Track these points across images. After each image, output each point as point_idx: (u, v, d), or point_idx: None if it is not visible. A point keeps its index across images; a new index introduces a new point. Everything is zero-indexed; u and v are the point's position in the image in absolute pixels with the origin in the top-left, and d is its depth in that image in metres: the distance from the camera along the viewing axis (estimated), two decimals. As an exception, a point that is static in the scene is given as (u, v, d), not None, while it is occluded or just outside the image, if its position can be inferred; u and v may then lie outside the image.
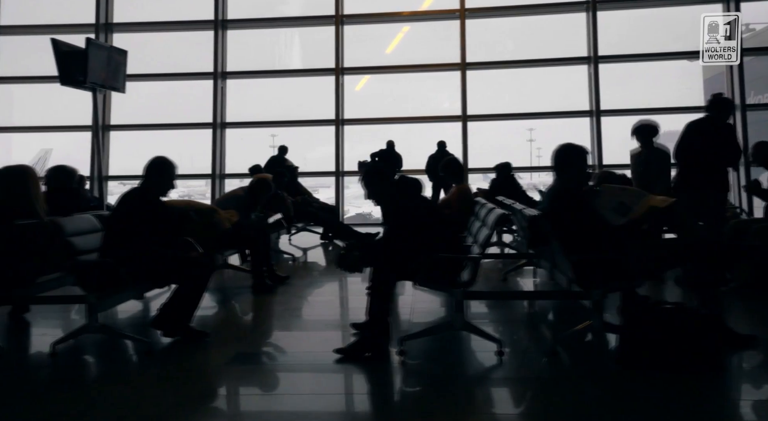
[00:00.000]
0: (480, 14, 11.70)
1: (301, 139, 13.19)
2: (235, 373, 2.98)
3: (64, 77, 7.27)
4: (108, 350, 3.38)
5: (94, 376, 3.04)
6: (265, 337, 3.61)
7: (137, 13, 12.56)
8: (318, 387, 2.82)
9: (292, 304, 4.56)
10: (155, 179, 3.49)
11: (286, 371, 3.02)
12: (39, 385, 2.91)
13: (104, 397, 2.72)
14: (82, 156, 13.78)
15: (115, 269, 3.22)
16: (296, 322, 4.08)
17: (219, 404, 2.61)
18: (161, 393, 2.71)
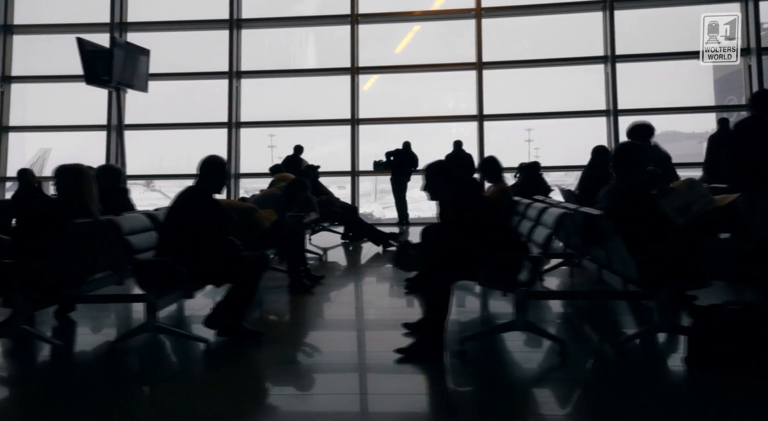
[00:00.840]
0: (496, 13, 11.70)
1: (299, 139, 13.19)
2: (291, 372, 2.96)
3: (89, 76, 7.27)
4: (164, 348, 3.37)
5: (153, 375, 3.02)
6: (316, 336, 3.58)
7: (152, 12, 12.55)
8: (378, 387, 2.82)
9: (334, 303, 4.55)
10: (210, 178, 3.48)
11: (342, 372, 2.99)
12: (99, 384, 2.89)
13: (163, 396, 2.71)
14: (87, 155, 13.82)
15: (174, 268, 3.21)
16: (343, 321, 4.06)
17: (276, 403, 2.57)
18: (218, 392, 2.70)
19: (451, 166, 3.43)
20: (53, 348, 3.30)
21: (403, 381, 2.90)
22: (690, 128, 23.89)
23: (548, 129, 12.78)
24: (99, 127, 12.09)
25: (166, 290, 3.28)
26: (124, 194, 4.66)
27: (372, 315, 4.16)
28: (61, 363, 3.14)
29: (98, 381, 2.93)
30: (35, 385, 2.93)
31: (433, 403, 2.59)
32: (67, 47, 13.11)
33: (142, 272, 3.25)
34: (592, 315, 3.90)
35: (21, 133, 12.84)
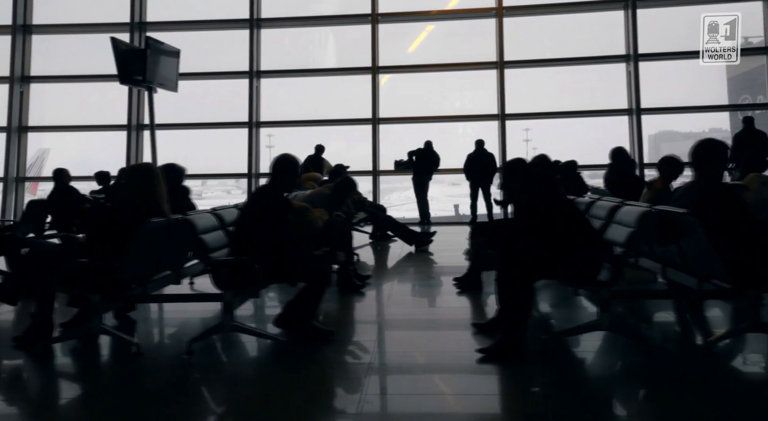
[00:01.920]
0: (518, 12, 11.68)
1: (302, 138, 13.22)
2: (371, 372, 2.93)
3: (123, 76, 7.24)
4: (234, 347, 3.36)
5: (229, 374, 3.01)
6: (388, 336, 3.56)
7: (171, 12, 12.54)
8: (461, 387, 2.80)
9: (391, 303, 4.52)
10: (283, 176, 3.47)
11: (425, 372, 2.96)
12: (178, 383, 2.89)
13: (243, 396, 2.70)
14: (96, 156, 13.81)
15: (251, 267, 3.19)
16: (408, 321, 4.03)
17: (359, 404, 2.54)
18: (297, 393, 2.69)
19: (524, 163, 3.39)
20: (114, 346, 3.28)
21: (485, 381, 2.88)
22: (687, 128, 23.96)
23: (553, 128, 12.76)
24: (119, 127, 12.09)
25: (243, 290, 3.26)
26: (186, 193, 4.65)
27: (434, 315, 4.15)
28: (142, 362, 3.12)
29: (178, 380, 2.92)
30: (118, 383, 2.92)
31: (517, 404, 2.57)
32: (85, 47, 13.23)
33: (220, 272, 3.23)
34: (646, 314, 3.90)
35: (40, 133, 12.80)
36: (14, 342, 3.40)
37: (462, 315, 4.23)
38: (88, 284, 3.17)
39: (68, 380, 3.03)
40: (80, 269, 3.17)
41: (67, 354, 3.31)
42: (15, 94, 12.09)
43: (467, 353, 3.18)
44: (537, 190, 3.17)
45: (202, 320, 3.94)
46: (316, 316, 3.50)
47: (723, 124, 20.88)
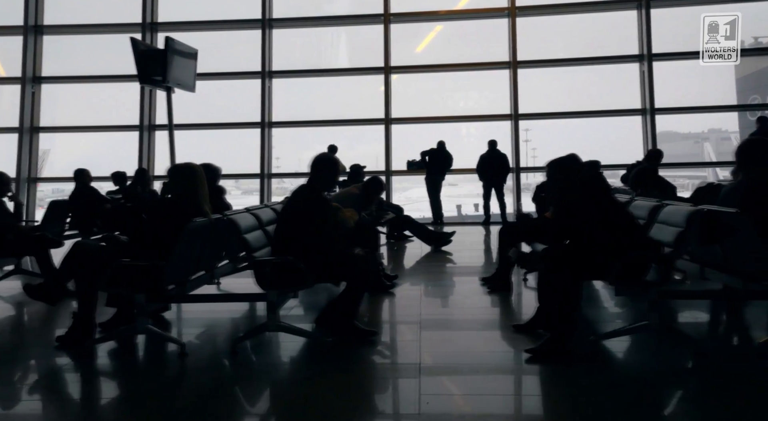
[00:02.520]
0: (530, 12, 11.67)
1: (301, 139, 13.25)
2: (412, 372, 2.91)
3: (142, 76, 7.23)
4: (278, 347, 3.34)
5: (278, 375, 3.00)
6: (429, 337, 3.50)
7: (183, 12, 12.53)
8: (512, 388, 2.80)
9: (425, 303, 4.48)
10: (323, 176, 3.46)
11: (470, 373, 2.92)
12: (224, 383, 2.88)
13: (287, 396, 2.69)
14: (102, 156, 13.80)
15: (296, 267, 3.19)
16: (447, 321, 4.01)
17: (408, 404, 2.53)
18: (349, 392, 2.68)
19: (572, 162, 3.38)
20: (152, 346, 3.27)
21: (536, 382, 2.87)
22: (686, 128, 23.92)
23: (538, 130, 12.77)
24: (131, 127, 12.09)
25: (287, 289, 3.25)
26: (221, 193, 4.64)
27: (469, 315, 4.13)
28: (188, 363, 3.10)
29: (227, 380, 2.91)
30: (169, 383, 2.91)
31: (568, 405, 2.54)
32: (96, 47, 13.22)
33: (264, 271, 3.22)
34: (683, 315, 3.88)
35: (51, 133, 12.79)
36: (57, 342, 3.39)
37: (498, 316, 4.22)
38: (134, 284, 3.17)
39: (118, 381, 3.01)
40: (126, 269, 3.16)
41: (110, 355, 3.29)
42: (27, 95, 12.10)
43: (513, 354, 3.18)
44: (585, 189, 3.16)
45: (231, 320, 3.94)
46: (357, 316, 3.48)
47: (723, 124, 20.80)
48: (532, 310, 4.20)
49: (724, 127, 22.40)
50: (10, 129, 12.07)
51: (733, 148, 11.52)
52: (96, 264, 3.38)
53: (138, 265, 3.14)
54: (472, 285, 5.07)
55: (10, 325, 4.22)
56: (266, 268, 3.20)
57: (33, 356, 3.40)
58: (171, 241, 3.25)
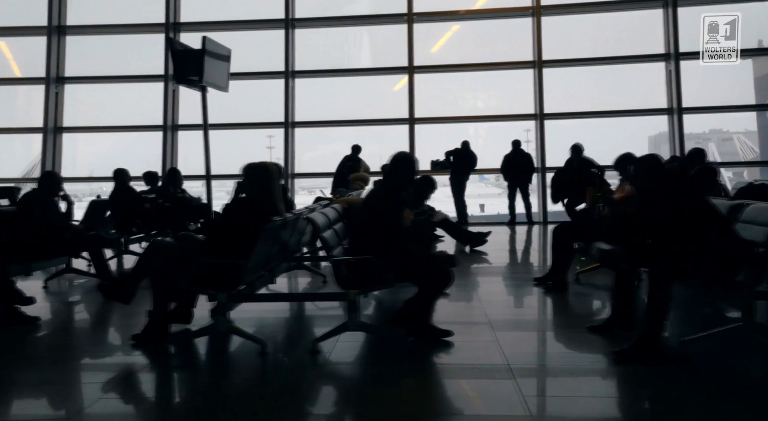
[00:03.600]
0: (556, 11, 11.64)
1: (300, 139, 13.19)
2: (504, 373, 2.87)
3: (178, 76, 7.22)
4: (356, 346, 3.32)
5: (355, 374, 2.97)
6: (505, 338, 3.44)
7: (206, 12, 12.54)
8: (605, 390, 2.76)
9: (485, 303, 4.40)
10: (403, 174, 3.44)
11: (563, 374, 2.89)
12: (307, 382, 2.86)
13: (371, 397, 2.67)
14: (119, 157, 13.83)
15: (376, 266, 3.17)
16: (515, 322, 3.97)
17: (513, 406, 2.50)
18: (433, 393, 2.66)
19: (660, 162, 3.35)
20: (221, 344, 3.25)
21: (629, 384, 2.83)
22: (687, 129, 23.77)
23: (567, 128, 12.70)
24: (154, 127, 12.10)
25: (368, 289, 3.24)
26: (284, 193, 4.63)
27: (537, 315, 4.12)
28: (269, 361, 3.09)
29: (307, 379, 2.90)
30: (255, 382, 2.90)
31: (656, 407, 2.52)
32: (119, 48, 13.23)
33: (345, 271, 3.20)
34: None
35: (74, 133, 12.80)
36: (133, 341, 3.39)
37: (565, 316, 4.20)
38: (216, 282, 3.16)
39: (202, 379, 3.00)
40: (209, 268, 3.15)
41: (185, 353, 3.28)
42: (51, 95, 12.12)
43: (599, 355, 3.14)
44: (674, 187, 3.13)
45: (285, 320, 3.92)
46: (431, 315, 3.46)
47: (724, 125, 20.62)
48: (596, 310, 4.19)
49: (725, 127, 22.29)
50: (35, 129, 12.10)
51: (736, 148, 11.61)
52: (172, 263, 3.38)
53: (222, 263, 3.13)
54: (524, 285, 5.05)
55: (78, 324, 4.21)
56: (348, 267, 3.18)
57: (109, 355, 3.39)
58: (249, 240, 3.24)
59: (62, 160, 12.42)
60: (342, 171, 10.56)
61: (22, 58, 13.38)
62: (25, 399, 2.80)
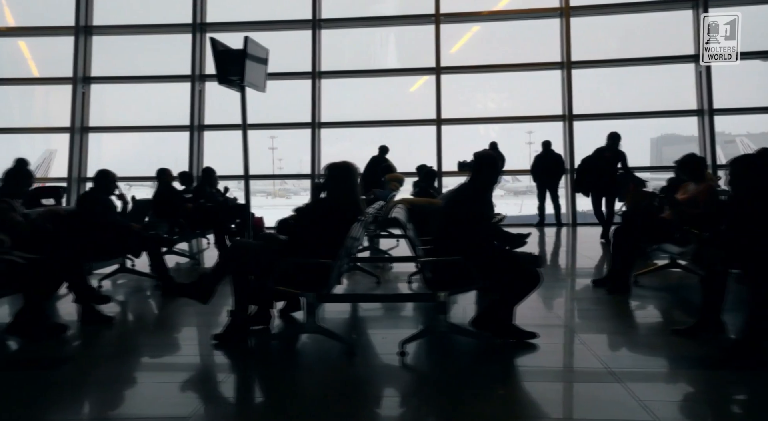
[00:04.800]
0: (584, 12, 11.58)
1: (298, 140, 13.14)
2: (608, 377, 2.82)
3: (221, 76, 7.20)
4: (443, 348, 3.28)
5: (445, 376, 2.92)
6: (591, 340, 3.43)
7: (231, 13, 12.54)
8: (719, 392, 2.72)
9: (548, 304, 4.39)
10: (488, 174, 3.40)
11: (669, 379, 2.85)
12: (393, 385, 2.83)
13: (466, 400, 2.61)
14: (149, 157, 13.85)
15: (466, 267, 3.13)
16: (591, 324, 3.89)
17: (633, 411, 2.44)
18: (536, 397, 2.61)
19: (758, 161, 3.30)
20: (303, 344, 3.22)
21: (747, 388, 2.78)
22: (689, 131, 23.58)
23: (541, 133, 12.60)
24: (181, 127, 12.10)
25: (456, 290, 3.20)
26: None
27: (613, 318, 4.06)
28: (357, 362, 3.05)
29: (397, 380, 2.86)
30: (343, 383, 2.86)
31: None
32: (145, 48, 13.25)
33: (434, 271, 3.16)
34: None
35: (99, 133, 12.80)
36: (215, 340, 3.36)
37: (642, 318, 4.16)
38: (304, 282, 3.12)
39: (291, 380, 2.94)
40: (295, 268, 3.12)
41: (270, 353, 3.25)
42: (78, 95, 12.14)
43: (697, 358, 3.06)
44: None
45: (344, 320, 3.88)
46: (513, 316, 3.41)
47: (727, 128, 20.37)
48: (668, 312, 4.13)
49: (728, 130, 22.03)
50: (63, 129, 12.12)
51: (739, 150, 11.46)
52: (254, 263, 3.35)
53: (311, 262, 3.09)
54: (583, 286, 4.99)
55: (152, 323, 4.17)
56: (436, 268, 3.14)
57: (191, 355, 3.36)
58: (334, 240, 3.21)
59: (88, 160, 12.45)
60: (372, 172, 10.56)
61: (49, 59, 13.41)
62: (133, 399, 2.76)
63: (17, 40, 13.36)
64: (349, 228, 3.21)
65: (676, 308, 4.47)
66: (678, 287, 4.97)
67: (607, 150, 7.95)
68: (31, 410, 2.51)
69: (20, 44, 13.49)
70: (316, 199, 3.39)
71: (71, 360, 3.15)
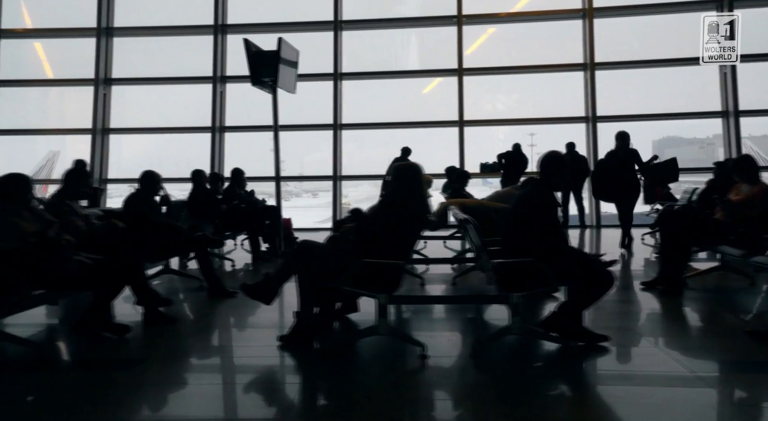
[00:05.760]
0: (608, 13, 11.54)
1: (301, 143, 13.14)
2: (694, 382, 2.78)
3: (254, 78, 7.19)
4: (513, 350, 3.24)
5: (523, 379, 2.89)
6: (661, 342, 3.41)
7: (252, 14, 12.54)
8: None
9: (609, 308, 4.30)
10: (559, 175, 3.36)
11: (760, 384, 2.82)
12: (467, 388, 2.80)
13: (546, 404, 2.59)
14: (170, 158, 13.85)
15: (539, 269, 3.09)
16: (655, 327, 3.85)
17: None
18: (609, 403, 2.57)
19: None
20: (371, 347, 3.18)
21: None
22: (692, 134, 23.37)
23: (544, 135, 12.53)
24: (203, 128, 12.09)
25: (531, 292, 3.16)
26: None
27: (674, 320, 4.01)
28: (430, 364, 3.01)
29: (472, 383, 2.82)
30: (419, 384, 2.83)
31: None
32: (163, 49, 13.26)
33: (506, 273, 3.12)
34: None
35: (120, 135, 12.81)
36: (280, 342, 3.33)
37: (707, 320, 4.11)
38: (376, 283, 3.09)
39: (360, 383, 2.90)
40: (368, 269, 3.09)
41: (336, 355, 3.21)
42: (99, 97, 12.15)
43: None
44: None
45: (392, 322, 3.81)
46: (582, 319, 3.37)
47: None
48: (727, 313, 4.07)
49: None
50: (84, 130, 12.14)
51: (743, 152, 11.09)
52: (322, 264, 3.32)
53: (384, 263, 3.06)
54: (632, 288, 4.94)
55: (211, 324, 4.15)
56: (506, 270, 3.10)
57: (258, 357, 3.32)
58: (403, 240, 3.18)
59: (109, 161, 12.46)
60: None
61: (67, 60, 13.42)
62: (203, 400, 2.73)
63: (36, 42, 13.37)
64: (418, 229, 3.18)
65: (736, 309, 4.41)
66: (728, 290, 4.92)
67: (620, 151, 7.62)
68: (104, 410, 2.49)
69: (36, 46, 13.51)
70: (384, 201, 3.35)
71: (143, 361, 3.12)
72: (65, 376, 3.01)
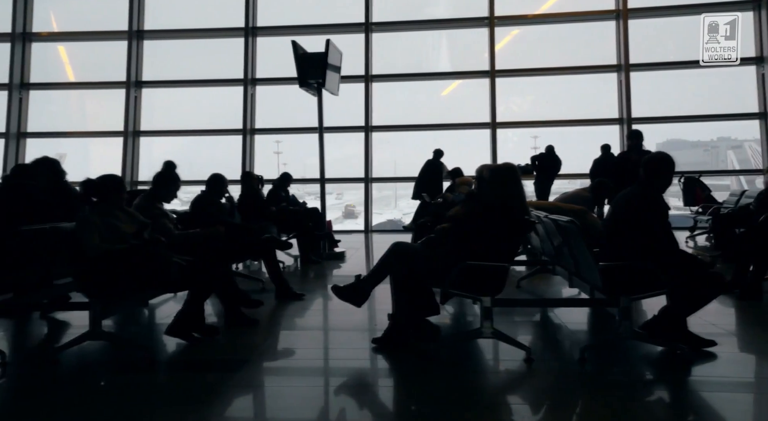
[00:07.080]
0: (642, 14, 11.46)
1: (302, 145, 13.11)
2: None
3: (301, 80, 7.16)
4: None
5: (630, 384, 2.82)
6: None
7: (282, 17, 12.54)
8: None
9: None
10: (666, 177, 3.27)
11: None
12: (577, 391, 2.73)
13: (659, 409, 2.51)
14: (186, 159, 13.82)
15: (653, 273, 3.01)
16: (748, 333, 3.78)
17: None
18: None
19: None
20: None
21: None
22: (695, 137, 23.08)
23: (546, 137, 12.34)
24: (235, 131, 12.09)
25: (639, 295, 3.09)
26: None
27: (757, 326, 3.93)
28: (536, 367, 2.95)
29: (577, 388, 2.76)
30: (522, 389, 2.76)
31: None
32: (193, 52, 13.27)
33: (613, 276, 3.05)
34: None
35: (149, 137, 12.81)
36: (374, 344, 3.28)
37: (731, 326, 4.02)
38: (479, 286, 3.03)
39: (466, 387, 2.81)
40: (471, 271, 3.03)
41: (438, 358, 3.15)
42: (130, 99, 12.18)
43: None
44: None
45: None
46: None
47: (733, 132, 20.07)
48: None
49: (734, 135, 21.63)
50: (116, 133, 12.17)
51: (747, 155, 11.21)
52: (420, 266, 3.27)
53: (488, 266, 3.00)
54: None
55: (291, 326, 4.10)
56: (621, 273, 3.03)
57: (351, 359, 3.26)
58: (504, 242, 3.13)
59: (140, 163, 12.48)
60: (430, 175, 10.50)
61: (96, 63, 13.45)
62: (303, 402, 2.67)
63: (60, 45, 13.37)
64: (519, 230, 3.12)
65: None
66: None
67: (633, 152, 7.13)
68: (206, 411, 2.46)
69: (59, 49, 13.53)
70: (481, 203, 3.29)
71: (246, 362, 3.07)
72: (180, 377, 2.98)
